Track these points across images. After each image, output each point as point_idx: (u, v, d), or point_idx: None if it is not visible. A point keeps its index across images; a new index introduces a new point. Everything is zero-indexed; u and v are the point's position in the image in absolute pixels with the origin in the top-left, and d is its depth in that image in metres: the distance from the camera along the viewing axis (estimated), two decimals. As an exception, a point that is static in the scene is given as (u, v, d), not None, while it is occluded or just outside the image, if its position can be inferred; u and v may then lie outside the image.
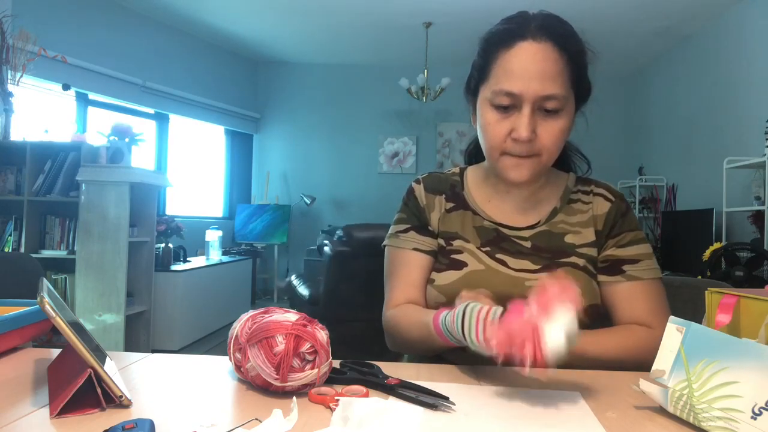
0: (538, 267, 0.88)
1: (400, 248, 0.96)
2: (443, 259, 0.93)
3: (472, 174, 1.00)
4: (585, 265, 0.89)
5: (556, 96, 0.81)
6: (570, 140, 1.02)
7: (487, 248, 0.91)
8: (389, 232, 0.99)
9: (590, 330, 0.83)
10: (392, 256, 0.97)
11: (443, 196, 0.98)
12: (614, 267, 0.89)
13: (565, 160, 1.01)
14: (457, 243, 0.93)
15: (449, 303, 0.75)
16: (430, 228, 0.96)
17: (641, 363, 0.77)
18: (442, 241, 0.94)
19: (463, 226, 0.94)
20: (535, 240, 0.91)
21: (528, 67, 0.80)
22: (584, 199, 0.94)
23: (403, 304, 0.92)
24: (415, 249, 0.94)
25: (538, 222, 0.93)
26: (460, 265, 0.90)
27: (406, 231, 0.96)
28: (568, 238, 0.91)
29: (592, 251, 0.90)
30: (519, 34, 0.82)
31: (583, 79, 0.86)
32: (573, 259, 0.89)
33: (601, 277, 0.89)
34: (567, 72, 0.82)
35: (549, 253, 0.90)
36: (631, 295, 0.87)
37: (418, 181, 1.00)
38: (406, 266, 0.94)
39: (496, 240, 0.92)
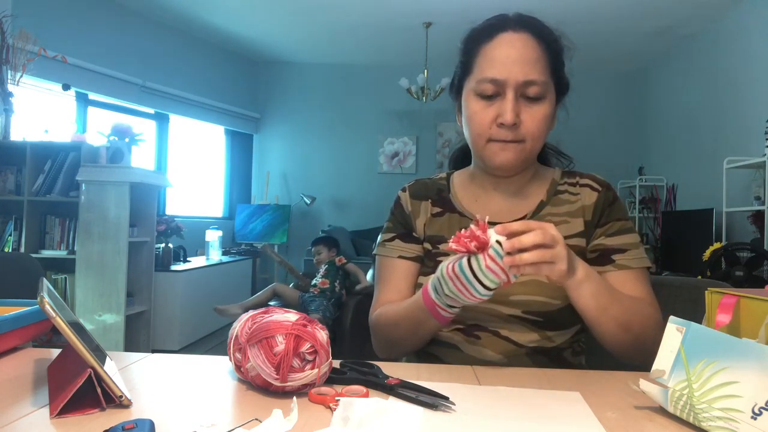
0: None
1: (387, 256, 0.99)
2: (429, 262, 0.95)
3: (459, 177, 1.02)
4: None
5: (537, 81, 0.84)
6: (547, 141, 1.03)
7: None
8: (377, 241, 1.02)
9: None
10: (380, 264, 1.00)
11: (429, 201, 1.00)
12: (603, 257, 0.90)
13: (546, 159, 1.03)
14: (443, 246, 0.94)
15: None
16: (414, 234, 0.98)
17: (643, 336, 0.80)
18: (428, 246, 0.96)
19: (450, 228, 0.96)
20: None
21: (509, 53, 0.84)
22: (571, 190, 0.95)
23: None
24: (400, 257, 0.97)
25: (525, 216, 0.94)
26: None
27: (391, 239, 0.99)
28: None
29: (581, 242, 0.91)
30: (499, 27, 0.87)
31: (561, 69, 0.90)
32: None
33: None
34: (545, 59, 0.86)
35: None
36: (623, 283, 0.87)
37: (404, 189, 1.03)
38: (392, 273, 0.97)
39: None
